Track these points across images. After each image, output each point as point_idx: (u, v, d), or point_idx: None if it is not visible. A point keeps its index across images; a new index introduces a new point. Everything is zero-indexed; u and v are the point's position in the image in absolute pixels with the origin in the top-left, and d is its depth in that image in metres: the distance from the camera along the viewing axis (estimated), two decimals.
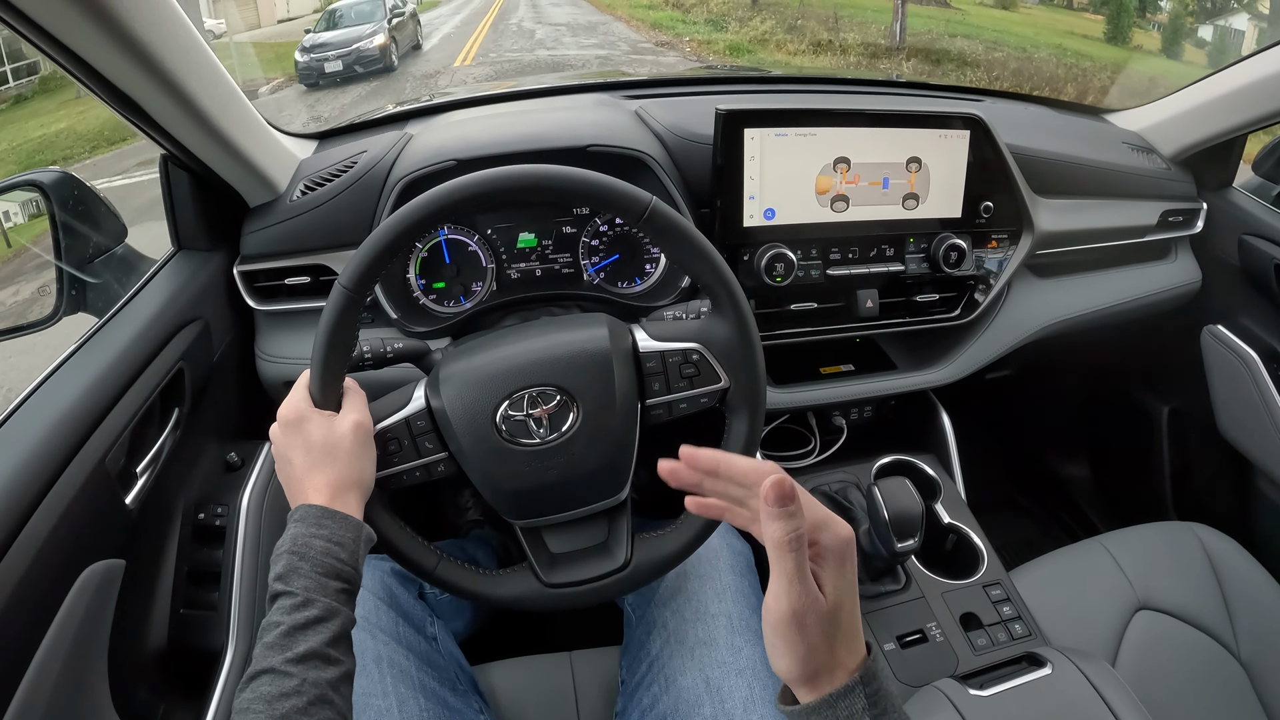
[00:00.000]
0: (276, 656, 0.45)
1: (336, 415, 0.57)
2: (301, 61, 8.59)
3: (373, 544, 0.56)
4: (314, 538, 0.51)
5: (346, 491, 0.55)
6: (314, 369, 0.57)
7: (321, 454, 0.55)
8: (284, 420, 0.57)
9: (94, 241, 0.90)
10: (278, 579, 0.49)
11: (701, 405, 0.63)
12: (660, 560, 0.65)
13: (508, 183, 0.56)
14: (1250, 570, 0.93)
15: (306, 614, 0.47)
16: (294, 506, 0.55)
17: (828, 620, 0.41)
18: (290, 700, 0.44)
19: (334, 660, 0.47)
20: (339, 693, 0.47)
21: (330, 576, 0.50)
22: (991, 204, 0.94)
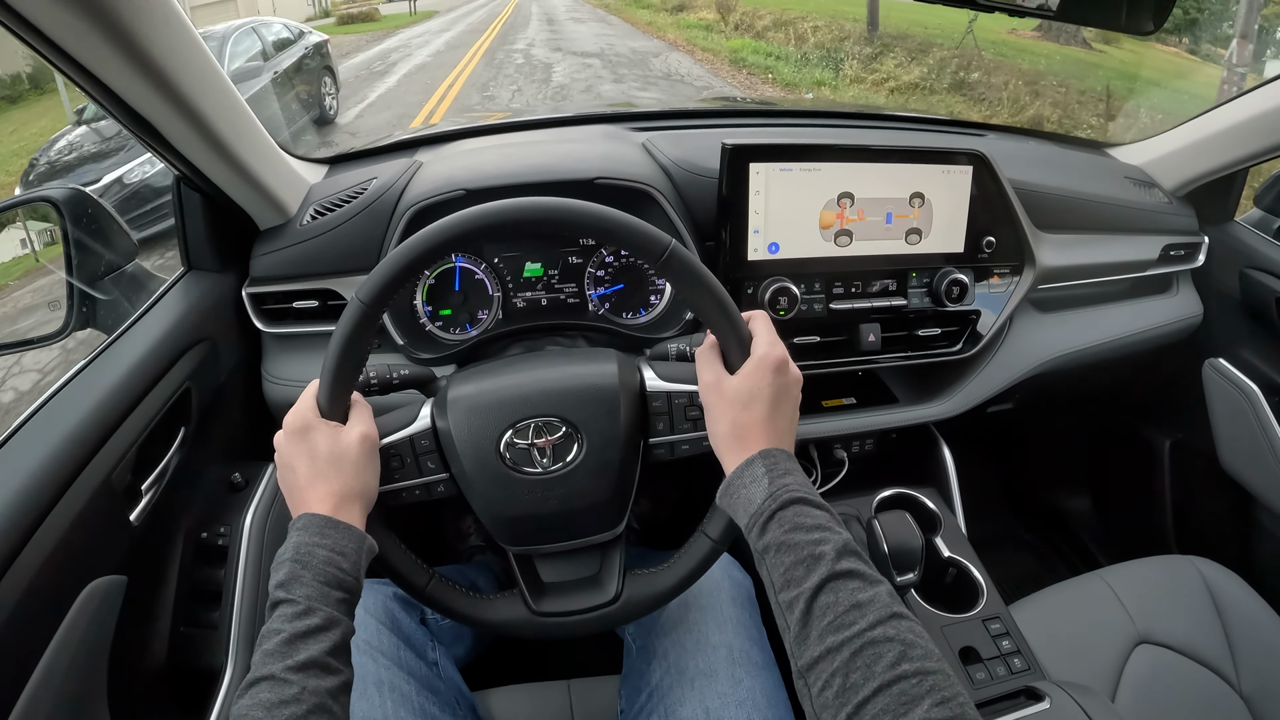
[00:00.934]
0: (276, 664, 0.45)
1: (343, 426, 0.58)
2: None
3: (374, 555, 0.56)
4: (317, 546, 0.51)
5: (350, 502, 0.55)
6: (324, 379, 0.58)
7: (326, 464, 0.56)
8: (290, 428, 0.58)
9: (105, 258, 0.91)
10: (279, 586, 0.49)
11: (703, 448, 0.63)
12: (651, 597, 0.65)
13: (533, 214, 0.57)
14: (1252, 604, 0.93)
15: (308, 622, 0.47)
16: (296, 515, 0.55)
17: (737, 398, 0.57)
18: (289, 708, 0.44)
19: (334, 669, 0.47)
20: (338, 702, 0.47)
21: (332, 586, 0.50)
22: (994, 239, 0.95)
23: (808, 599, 0.46)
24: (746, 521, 0.53)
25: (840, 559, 0.47)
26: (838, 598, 0.46)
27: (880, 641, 0.43)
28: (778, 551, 0.49)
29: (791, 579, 0.48)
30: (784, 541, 0.49)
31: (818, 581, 0.46)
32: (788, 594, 0.48)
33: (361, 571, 0.53)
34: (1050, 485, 1.56)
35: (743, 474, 0.54)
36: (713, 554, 0.65)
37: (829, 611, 0.45)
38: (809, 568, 0.47)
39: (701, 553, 0.65)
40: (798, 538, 0.49)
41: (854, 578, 0.47)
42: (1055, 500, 1.56)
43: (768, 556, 0.50)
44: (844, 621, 0.44)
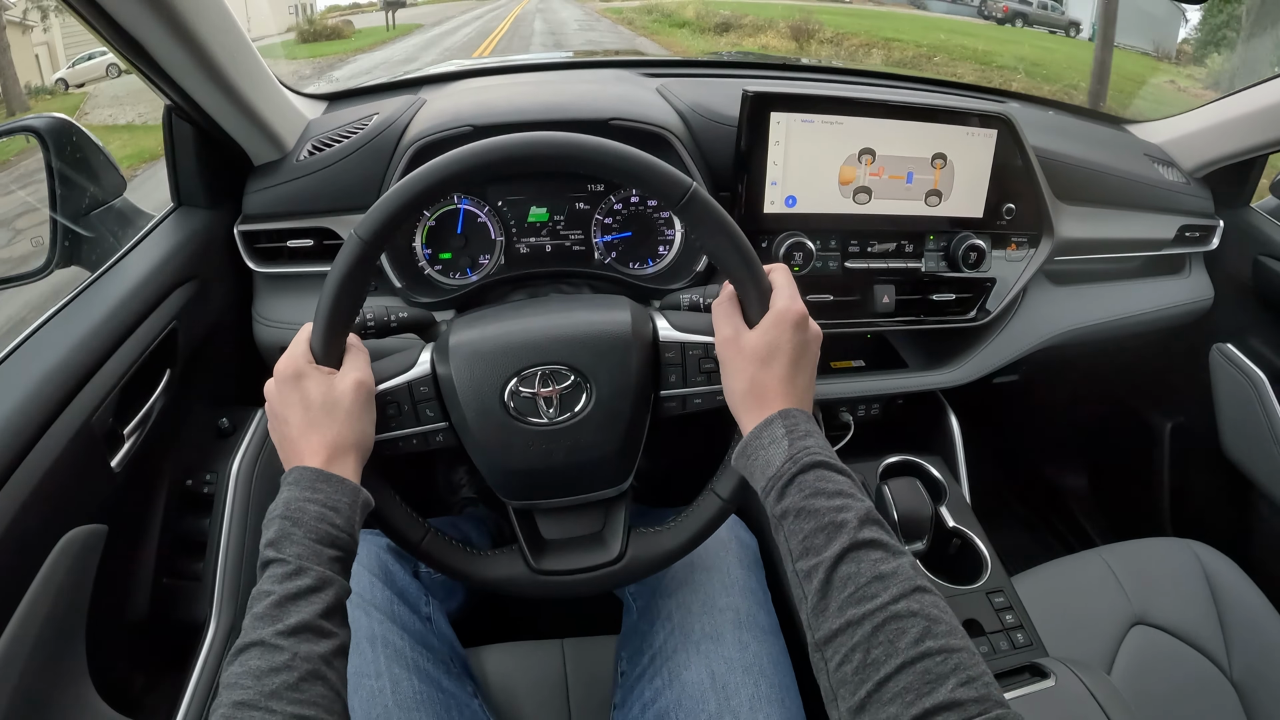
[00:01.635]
0: (266, 628, 0.43)
1: (337, 373, 0.54)
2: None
3: (369, 510, 0.53)
4: (308, 502, 0.48)
5: (344, 454, 0.52)
6: (318, 322, 0.54)
7: (320, 413, 0.52)
8: (281, 375, 0.54)
9: (90, 192, 0.87)
10: (269, 545, 0.47)
11: (716, 403, 0.61)
12: (655, 557, 0.63)
13: (548, 149, 0.53)
14: (1247, 590, 0.93)
15: (299, 583, 0.45)
16: (288, 468, 0.52)
17: (756, 354, 0.54)
18: (280, 675, 0.41)
19: (327, 633, 0.45)
20: (332, 667, 0.44)
21: (324, 544, 0.47)
22: (1014, 206, 0.92)
23: (827, 569, 0.44)
24: (764, 484, 0.50)
25: (863, 527, 0.45)
26: (859, 568, 0.43)
27: (904, 616, 0.41)
28: (796, 518, 0.47)
29: (810, 547, 0.46)
30: (803, 507, 0.47)
31: (839, 550, 0.44)
32: (806, 562, 0.45)
33: (356, 528, 0.50)
34: (1050, 461, 1.56)
35: (761, 435, 0.52)
36: (722, 514, 0.63)
37: (850, 583, 0.43)
38: (829, 536, 0.45)
39: (710, 512, 0.62)
40: (818, 504, 0.47)
41: (877, 547, 0.44)
42: (1054, 476, 1.55)
43: (785, 522, 0.48)
44: (866, 594, 0.42)
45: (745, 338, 0.54)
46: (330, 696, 0.43)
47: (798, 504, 0.47)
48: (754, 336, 0.54)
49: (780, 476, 0.49)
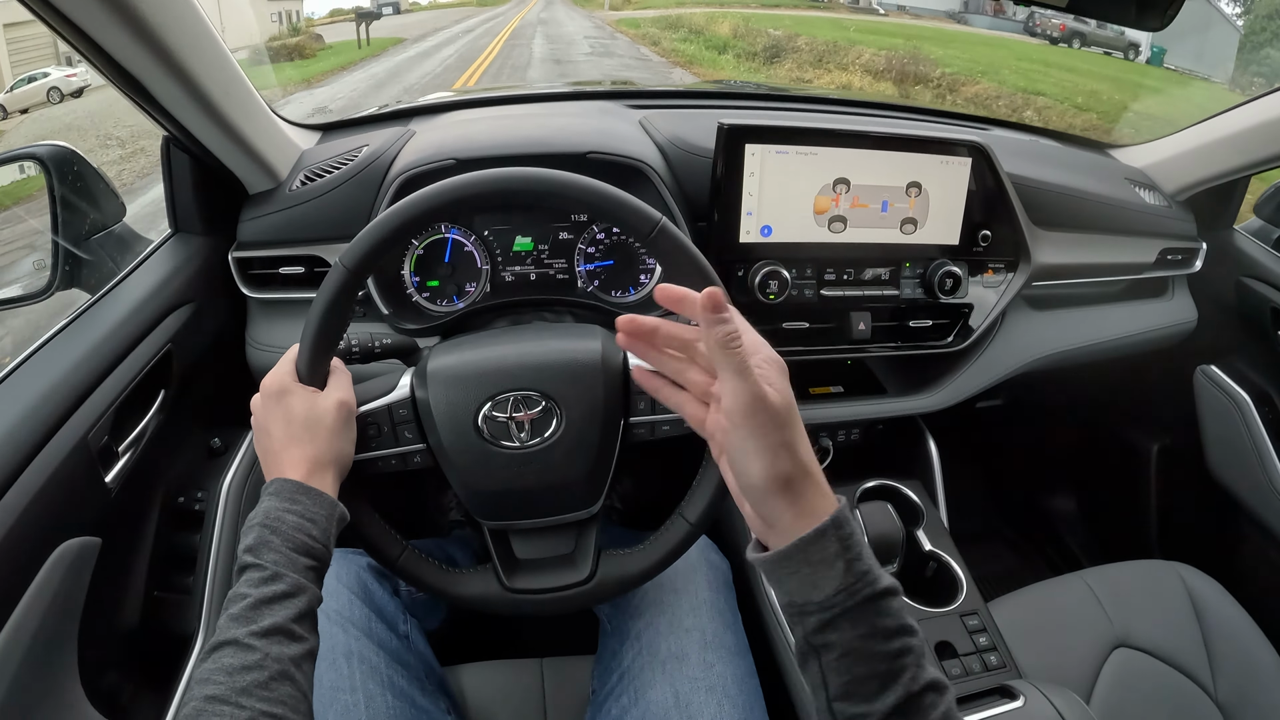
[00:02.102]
0: (241, 629, 0.45)
1: (320, 391, 0.57)
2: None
3: (345, 523, 0.56)
4: (287, 512, 0.51)
5: (324, 469, 0.55)
6: (304, 344, 0.57)
7: (302, 429, 0.55)
8: (267, 391, 0.57)
9: (91, 218, 0.90)
10: (247, 550, 0.49)
11: (684, 430, 0.62)
12: (625, 578, 0.65)
13: (521, 184, 0.56)
14: (1232, 612, 0.93)
15: (274, 588, 0.47)
16: (269, 479, 0.54)
17: (781, 415, 0.43)
18: (252, 674, 0.43)
19: (298, 637, 0.47)
20: (301, 670, 0.46)
21: (300, 553, 0.50)
22: (990, 233, 0.94)
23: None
24: (802, 604, 0.42)
25: (919, 671, 0.41)
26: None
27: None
28: (843, 656, 0.41)
29: (857, 692, 0.41)
30: (857, 649, 0.41)
31: (894, 703, 0.40)
32: (849, 706, 0.41)
33: (331, 540, 0.53)
34: (1036, 484, 1.56)
35: (807, 550, 0.42)
36: (689, 537, 0.64)
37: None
38: (883, 684, 0.40)
39: (678, 536, 0.64)
40: (874, 647, 0.41)
41: (932, 691, 0.41)
42: (1040, 499, 1.55)
43: (825, 655, 0.42)
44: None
45: (770, 394, 0.43)
46: (298, 697, 0.45)
47: (849, 642, 0.41)
48: (777, 391, 0.43)
49: (830, 606, 0.41)
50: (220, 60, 0.74)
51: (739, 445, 0.43)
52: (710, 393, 0.47)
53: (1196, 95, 8.17)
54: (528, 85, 1.48)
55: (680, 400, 0.50)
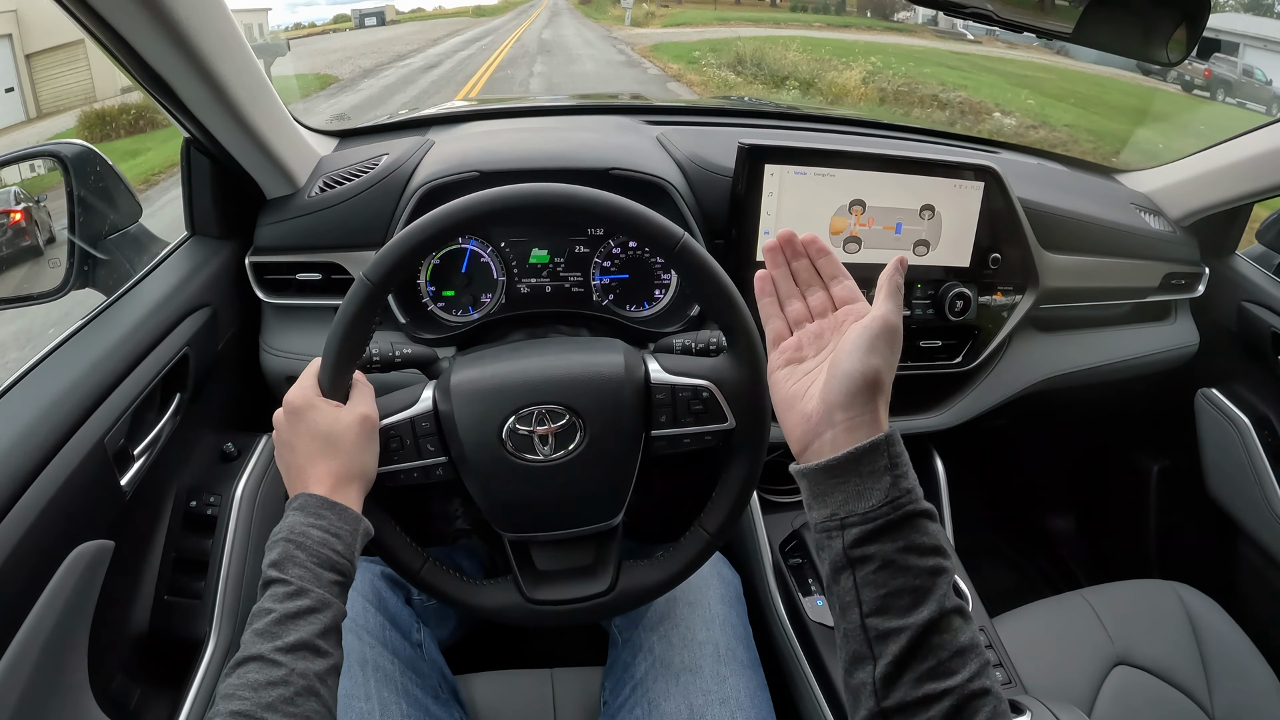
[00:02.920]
0: (266, 644, 0.45)
1: (343, 406, 0.57)
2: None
3: (369, 539, 0.56)
4: (312, 527, 0.51)
5: (348, 484, 0.55)
6: (326, 358, 0.57)
7: (325, 443, 0.55)
8: (290, 406, 0.57)
9: (109, 218, 0.90)
10: (272, 565, 0.49)
11: (705, 443, 0.63)
12: (644, 589, 0.65)
13: (550, 199, 0.57)
14: (1230, 632, 0.94)
15: (299, 603, 0.47)
16: (292, 494, 0.54)
17: (898, 343, 0.48)
18: (277, 690, 0.43)
19: (323, 652, 0.47)
20: (326, 685, 0.46)
21: (325, 568, 0.50)
22: (1000, 255, 0.95)
23: (913, 636, 0.41)
24: (844, 516, 0.44)
25: (949, 590, 0.42)
26: (944, 639, 0.41)
27: (979, 695, 0.40)
28: (881, 569, 0.42)
29: (892, 606, 0.42)
30: (894, 561, 0.42)
31: (927, 618, 0.41)
32: (884, 621, 0.42)
33: (356, 554, 0.53)
34: (1037, 503, 1.57)
35: (860, 461, 0.44)
36: (708, 549, 0.65)
37: (932, 654, 0.40)
38: (917, 598, 0.41)
39: (697, 547, 0.65)
40: (911, 561, 0.42)
41: (959, 615, 0.42)
42: (1041, 518, 1.57)
43: (860, 568, 0.43)
44: (947, 669, 0.40)
45: (898, 327, 0.48)
46: (322, 713, 0.45)
47: (888, 554, 0.42)
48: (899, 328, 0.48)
49: (874, 518, 0.43)
50: (248, 65, 0.75)
51: (863, 344, 0.47)
52: (800, 322, 0.53)
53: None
54: (544, 97, 1.45)
55: (772, 313, 0.54)
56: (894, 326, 0.47)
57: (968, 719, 0.39)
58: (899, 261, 0.50)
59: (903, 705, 0.40)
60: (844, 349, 0.48)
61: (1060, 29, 0.77)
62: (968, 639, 0.41)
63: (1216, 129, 5.96)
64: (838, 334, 0.50)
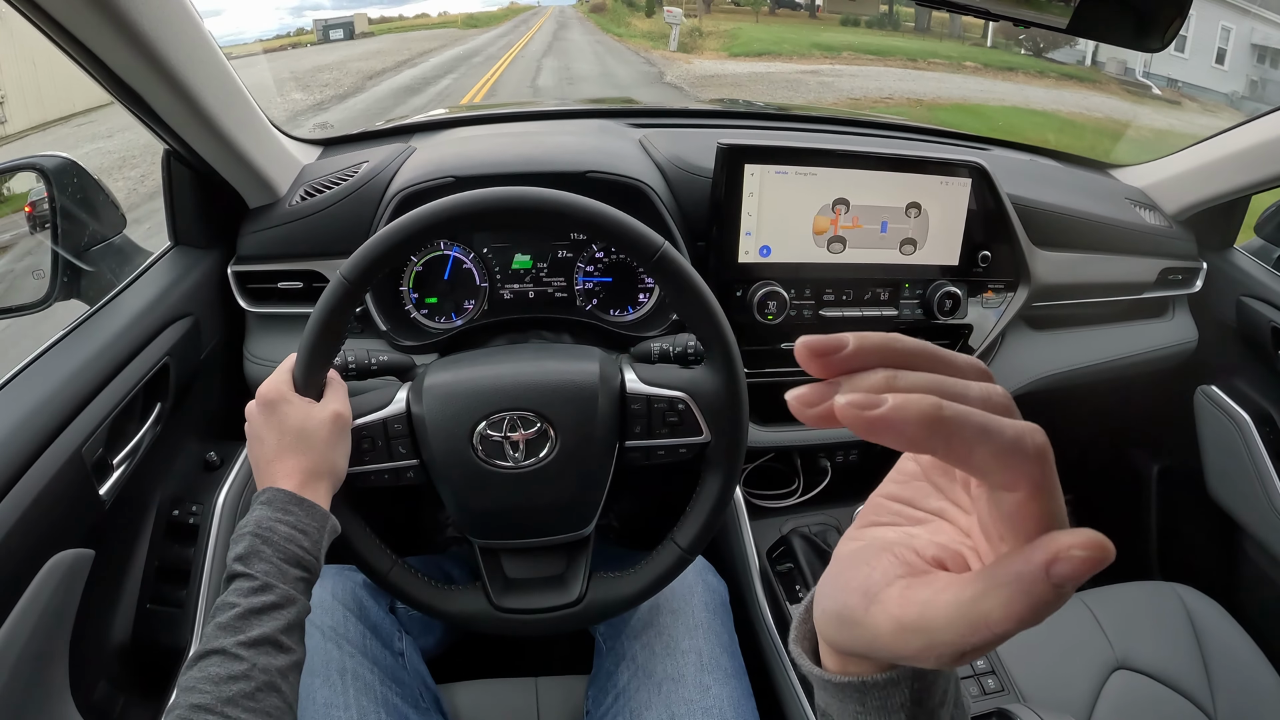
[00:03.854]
0: (229, 638, 0.45)
1: (316, 402, 0.57)
2: None
3: (336, 535, 0.56)
4: (279, 523, 0.51)
5: (317, 480, 0.55)
6: (301, 354, 0.57)
7: (296, 439, 0.55)
8: (263, 399, 0.57)
9: (91, 229, 0.90)
10: (238, 559, 0.49)
11: (679, 456, 0.63)
12: (615, 601, 0.65)
13: (525, 203, 0.56)
14: (1232, 633, 0.92)
15: (264, 599, 0.47)
16: (260, 487, 0.54)
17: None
18: (239, 684, 0.43)
19: (286, 648, 0.47)
20: (287, 681, 0.46)
21: (291, 564, 0.49)
22: (990, 253, 0.94)
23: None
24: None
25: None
26: None
27: None
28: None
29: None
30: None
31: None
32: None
33: (322, 551, 0.53)
34: None
35: (868, 693, 0.29)
36: (681, 563, 0.64)
37: None
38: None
39: (669, 561, 0.64)
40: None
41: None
42: None
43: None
44: None
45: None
46: (283, 709, 0.45)
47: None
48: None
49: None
50: (220, 74, 0.74)
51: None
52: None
53: None
54: (528, 103, 1.44)
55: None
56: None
57: None
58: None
59: None
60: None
61: (1055, 22, 0.77)
62: None
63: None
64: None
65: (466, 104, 6.24)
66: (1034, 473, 0.21)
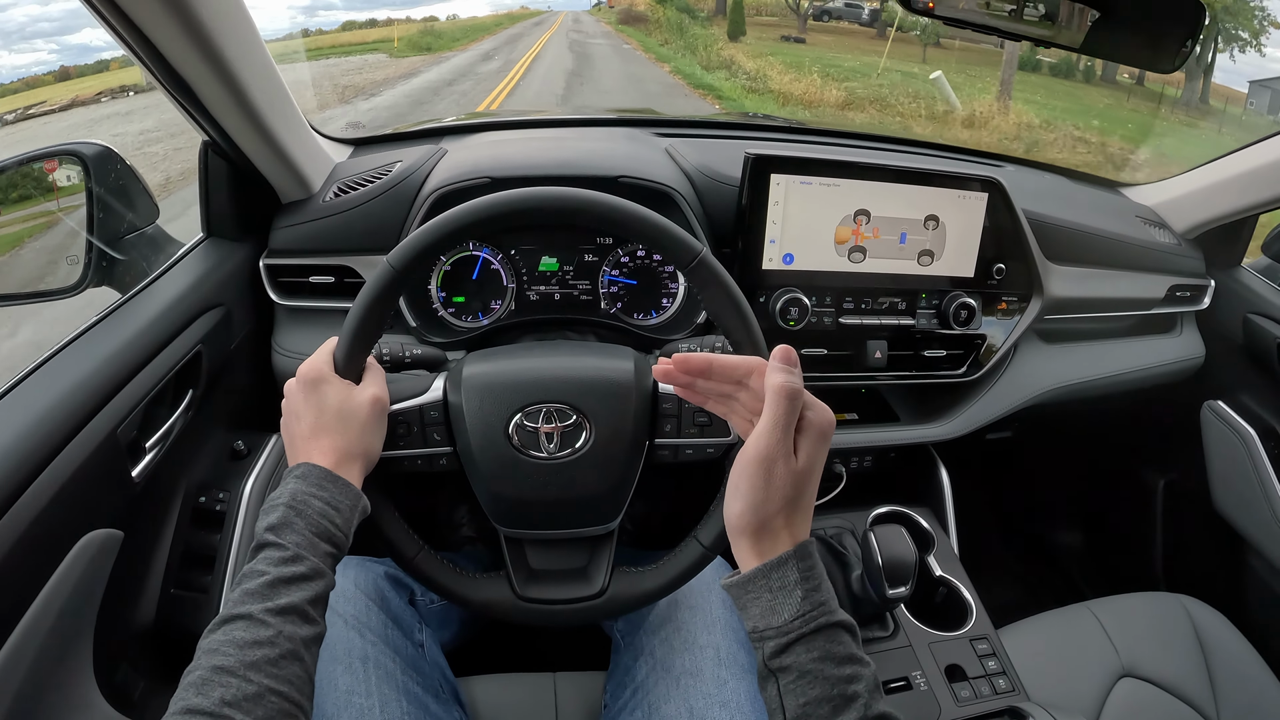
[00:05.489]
0: (256, 604, 0.45)
1: (356, 385, 0.58)
2: None
3: (365, 516, 0.56)
4: (313, 497, 0.51)
5: (352, 461, 0.55)
6: (344, 337, 0.58)
7: (334, 419, 0.55)
8: (304, 378, 0.57)
9: (126, 218, 0.92)
10: (270, 529, 0.49)
11: (707, 455, 0.64)
12: (636, 596, 0.66)
13: (573, 203, 0.58)
14: (1236, 645, 0.93)
15: (294, 569, 0.47)
16: (293, 463, 0.55)
17: (792, 479, 0.47)
18: (263, 649, 0.43)
19: (311, 619, 0.47)
20: (310, 652, 0.46)
21: (322, 538, 0.50)
22: (1004, 266, 0.96)
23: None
24: (762, 628, 0.46)
25: (872, 700, 0.44)
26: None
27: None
28: (800, 679, 0.44)
29: (813, 715, 0.43)
30: (810, 671, 0.44)
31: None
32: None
33: (351, 530, 0.53)
34: (1043, 516, 1.57)
35: (770, 576, 0.46)
36: (703, 560, 0.65)
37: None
38: (836, 708, 0.43)
39: (692, 558, 0.65)
40: (828, 670, 0.44)
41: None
42: (1047, 531, 1.56)
43: (782, 677, 0.45)
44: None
45: (783, 462, 0.47)
46: (303, 679, 0.45)
47: (804, 665, 0.44)
48: (800, 462, 0.47)
49: (788, 631, 0.45)
50: (268, 70, 0.76)
51: (732, 482, 0.49)
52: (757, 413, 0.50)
53: None
54: (556, 110, 1.45)
55: (725, 410, 0.55)
56: (759, 457, 0.46)
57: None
58: (782, 355, 0.49)
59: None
60: (728, 486, 0.49)
61: (1069, 42, 0.79)
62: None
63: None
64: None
65: (495, 109, 6.20)
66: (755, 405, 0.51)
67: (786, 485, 0.47)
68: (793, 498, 0.47)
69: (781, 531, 0.47)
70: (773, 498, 0.47)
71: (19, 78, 13.25)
